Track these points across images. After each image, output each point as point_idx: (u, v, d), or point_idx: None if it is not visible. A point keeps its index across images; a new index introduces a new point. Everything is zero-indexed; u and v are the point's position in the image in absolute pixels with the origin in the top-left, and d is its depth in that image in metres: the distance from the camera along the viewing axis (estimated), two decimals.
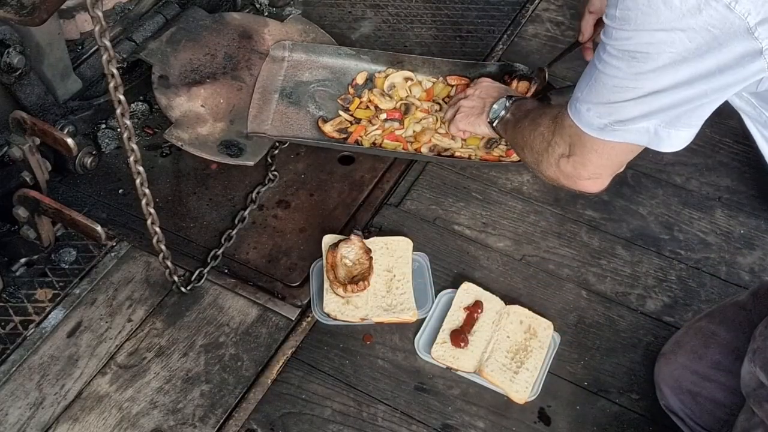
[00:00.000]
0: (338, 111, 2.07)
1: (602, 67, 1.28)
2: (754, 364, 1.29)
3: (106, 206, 1.92)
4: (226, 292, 1.78)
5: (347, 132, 2.03)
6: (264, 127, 2.00)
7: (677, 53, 1.16)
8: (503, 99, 1.80)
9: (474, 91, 1.93)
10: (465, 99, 1.93)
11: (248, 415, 1.60)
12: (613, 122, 1.31)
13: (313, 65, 2.17)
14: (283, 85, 2.11)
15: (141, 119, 2.11)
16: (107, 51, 1.34)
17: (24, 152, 1.62)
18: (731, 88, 1.21)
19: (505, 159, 1.98)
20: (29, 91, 1.80)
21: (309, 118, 2.06)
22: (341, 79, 2.16)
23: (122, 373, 1.65)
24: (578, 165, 1.43)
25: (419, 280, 1.78)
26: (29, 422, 1.57)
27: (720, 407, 1.48)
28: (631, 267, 1.86)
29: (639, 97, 1.25)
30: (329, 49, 2.19)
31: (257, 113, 2.03)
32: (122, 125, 1.45)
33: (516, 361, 1.65)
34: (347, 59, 2.18)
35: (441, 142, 2.00)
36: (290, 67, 2.15)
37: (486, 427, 1.60)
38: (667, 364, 1.56)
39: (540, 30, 2.40)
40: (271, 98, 2.07)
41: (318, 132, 2.03)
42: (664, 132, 1.28)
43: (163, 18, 2.16)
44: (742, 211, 1.98)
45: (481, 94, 1.91)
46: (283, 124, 2.04)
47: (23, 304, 1.73)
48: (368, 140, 2.01)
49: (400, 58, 2.18)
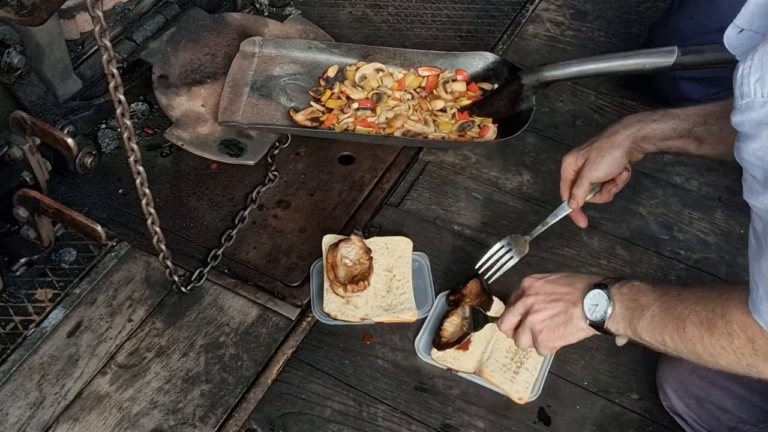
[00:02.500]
0: (310, 102, 2.07)
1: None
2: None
3: (106, 206, 1.92)
4: (226, 292, 1.78)
5: (319, 121, 2.03)
6: (235, 118, 2.00)
7: None
8: (596, 291, 1.36)
9: (534, 298, 1.43)
10: (532, 313, 1.43)
11: (248, 415, 1.60)
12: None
13: (284, 60, 2.16)
14: (254, 79, 2.10)
15: (141, 119, 2.11)
16: (107, 51, 1.34)
17: (24, 152, 1.62)
18: None
19: (478, 139, 2.00)
20: (29, 91, 1.80)
21: (281, 109, 2.06)
22: (312, 72, 2.15)
23: (122, 372, 1.65)
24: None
25: (419, 280, 1.78)
26: (29, 422, 1.57)
27: (727, 414, 1.46)
28: (631, 267, 1.86)
29: None
30: (300, 44, 2.18)
31: (228, 105, 2.02)
32: (122, 125, 1.45)
33: (516, 362, 1.65)
34: (318, 53, 2.17)
35: (414, 128, 2.01)
36: (261, 62, 2.14)
37: (486, 427, 1.60)
38: (672, 367, 1.54)
39: (540, 30, 2.40)
40: (242, 91, 2.06)
41: (290, 122, 2.03)
42: None
43: (163, 18, 2.16)
44: (742, 211, 1.98)
45: (547, 296, 1.43)
46: (255, 114, 2.03)
47: (23, 304, 1.73)
48: (340, 127, 2.01)
49: (371, 51, 2.17)
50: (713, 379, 1.46)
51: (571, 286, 1.41)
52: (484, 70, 2.14)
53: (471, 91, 2.11)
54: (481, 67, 2.14)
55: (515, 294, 1.49)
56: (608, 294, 1.34)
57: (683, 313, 1.24)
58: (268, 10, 2.41)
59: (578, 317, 1.38)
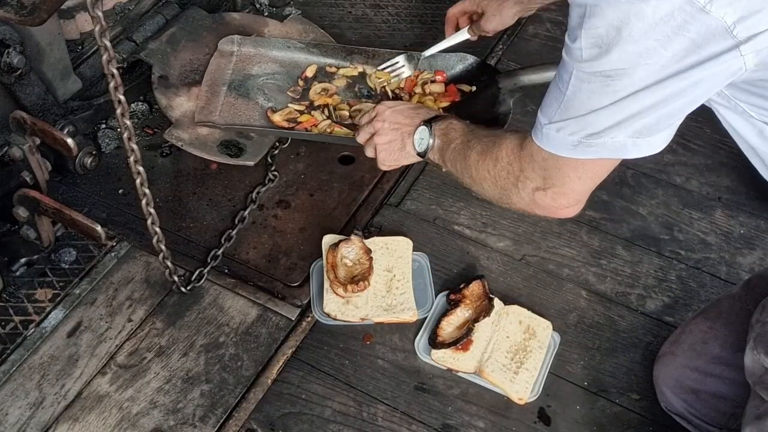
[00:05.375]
0: (287, 103, 2.05)
1: (572, 91, 1.19)
2: (757, 351, 1.29)
3: (106, 206, 1.92)
4: (226, 292, 1.78)
5: (297, 122, 2.01)
6: (212, 118, 1.99)
7: (654, 63, 1.10)
8: (422, 127, 1.63)
9: (380, 123, 1.70)
10: (377, 135, 1.71)
11: (248, 415, 1.60)
12: (586, 136, 1.21)
13: (262, 59, 2.14)
14: (231, 78, 2.08)
15: (141, 119, 2.11)
16: (107, 51, 1.34)
17: (24, 152, 1.62)
18: (709, 87, 1.14)
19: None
20: (29, 91, 1.80)
21: (258, 109, 2.04)
22: (291, 72, 2.14)
23: (122, 373, 1.65)
24: (558, 195, 1.33)
25: (419, 280, 1.78)
26: (29, 422, 1.57)
27: (724, 401, 1.48)
28: (631, 267, 1.86)
29: (613, 103, 1.16)
30: (278, 43, 2.17)
31: (205, 105, 2.01)
32: (122, 125, 1.45)
33: (516, 362, 1.65)
34: (297, 52, 2.16)
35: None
36: (239, 61, 2.12)
37: (486, 427, 1.60)
38: (666, 365, 1.56)
39: (540, 30, 2.40)
40: (219, 90, 2.05)
41: (267, 122, 2.01)
42: (639, 140, 1.20)
43: (163, 18, 2.16)
44: (742, 211, 1.98)
45: (391, 124, 1.69)
46: (232, 114, 2.01)
47: (23, 304, 1.73)
48: (320, 129, 1.99)
49: (350, 50, 2.16)
50: (705, 369, 1.49)
51: (410, 119, 1.68)
52: (463, 72, 2.13)
53: (449, 93, 2.08)
54: (460, 68, 2.12)
55: (369, 115, 1.75)
56: (430, 130, 1.61)
57: (472, 143, 1.50)
58: (268, 10, 2.41)
59: (410, 146, 1.66)
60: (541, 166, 1.32)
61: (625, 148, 1.21)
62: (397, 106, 1.73)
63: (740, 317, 1.44)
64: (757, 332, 1.31)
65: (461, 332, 1.66)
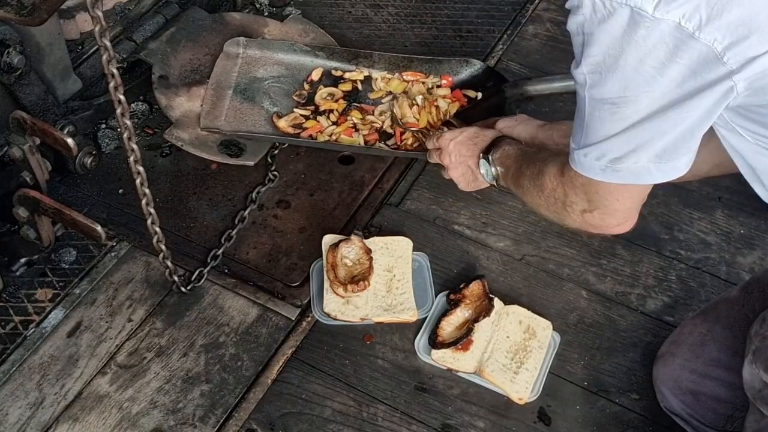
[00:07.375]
0: (293, 108, 2.05)
1: (588, 118, 1.23)
2: (756, 365, 1.29)
3: (106, 206, 1.92)
4: (226, 292, 1.78)
5: (302, 128, 2.02)
6: (218, 123, 1.99)
7: (654, 91, 1.13)
8: (482, 160, 1.68)
9: (447, 159, 1.76)
10: (449, 170, 1.78)
11: (248, 415, 1.60)
12: (610, 161, 1.24)
13: (267, 62, 2.15)
14: (237, 82, 2.08)
15: (141, 119, 2.11)
16: (107, 51, 1.34)
17: (24, 152, 1.62)
18: (711, 111, 1.15)
19: None
20: (29, 91, 1.80)
21: (263, 114, 2.04)
22: (296, 75, 2.14)
23: (122, 372, 1.65)
24: (605, 216, 1.36)
25: (419, 280, 1.78)
26: (29, 422, 1.57)
27: (722, 404, 1.48)
28: (631, 267, 1.86)
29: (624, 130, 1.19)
30: (284, 45, 2.16)
31: (210, 109, 2.01)
32: (122, 125, 1.45)
33: (516, 362, 1.65)
34: (302, 55, 2.16)
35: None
36: (245, 64, 2.12)
37: (486, 427, 1.60)
38: (665, 365, 1.56)
39: (540, 30, 2.40)
40: (225, 94, 2.05)
41: (272, 128, 2.02)
42: (662, 165, 1.22)
43: (163, 18, 2.16)
44: (742, 211, 1.98)
45: (457, 158, 1.75)
46: (237, 119, 2.02)
47: (23, 304, 1.73)
48: (324, 136, 2.00)
49: (356, 54, 2.16)
50: (704, 371, 1.49)
51: (470, 150, 1.73)
52: (469, 77, 2.13)
53: (455, 98, 2.08)
54: (466, 74, 2.13)
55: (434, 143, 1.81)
56: (489, 162, 1.66)
57: (523, 169, 1.55)
58: (268, 10, 2.41)
59: (480, 177, 1.73)
60: (582, 190, 1.35)
61: (650, 172, 1.24)
62: (457, 137, 1.75)
63: (738, 321, 1.44)
64: (756, 346, 1.30)
65: (461, 332, 1.66)
